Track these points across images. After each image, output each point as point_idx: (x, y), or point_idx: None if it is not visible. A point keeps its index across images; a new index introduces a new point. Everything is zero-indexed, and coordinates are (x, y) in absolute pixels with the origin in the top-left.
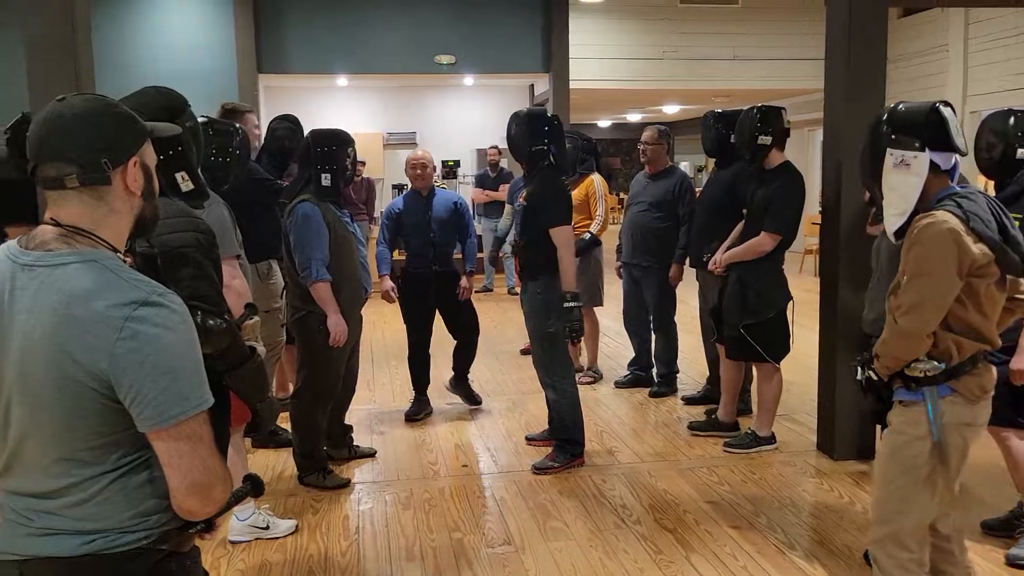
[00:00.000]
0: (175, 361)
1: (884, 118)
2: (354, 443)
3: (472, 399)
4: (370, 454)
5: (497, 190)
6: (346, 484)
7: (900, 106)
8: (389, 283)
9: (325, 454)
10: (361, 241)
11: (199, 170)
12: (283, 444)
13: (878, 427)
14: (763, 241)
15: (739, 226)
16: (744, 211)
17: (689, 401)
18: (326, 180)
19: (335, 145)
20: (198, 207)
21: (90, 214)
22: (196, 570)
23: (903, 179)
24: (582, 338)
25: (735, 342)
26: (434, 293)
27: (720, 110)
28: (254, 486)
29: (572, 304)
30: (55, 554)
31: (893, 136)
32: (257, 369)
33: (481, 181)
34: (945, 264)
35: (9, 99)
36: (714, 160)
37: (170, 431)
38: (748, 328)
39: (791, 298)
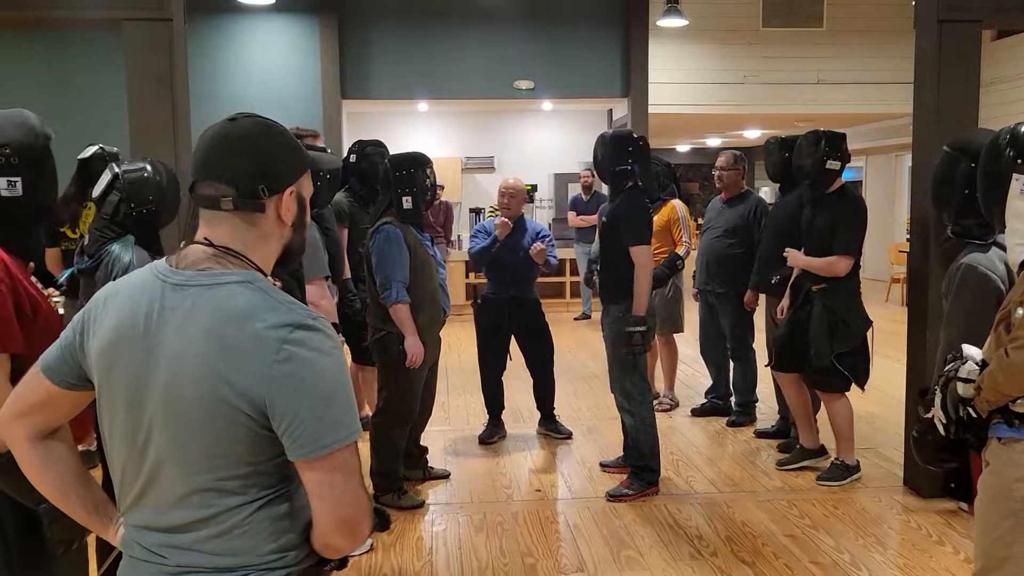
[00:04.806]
0: (330, 387)
1: (1007, 140)
2: (429, 464)
3: (561, 433)
4: (444, 476)
5: (593, 213)
6: (420, 505)
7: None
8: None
9: (402, 475)
10: (441, 263)
11: None
12: None
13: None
14: (837, 262)
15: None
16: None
17: (762, 435)
18: (407, 203)
19: (413, 167)
20: None
21: (241, 237)
22: None
23: None
24: (653, 361)
25: (825, 372)
26: (509, 319)
27: (783, 136)
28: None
29: (634, 329)
30: None
31: (1021, 160)
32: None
33: (575, 204)
34: None
35: (114, 128)
36: (779, 185)
37: (323, 461)
38: (839, 357)
39: (871, 322)
